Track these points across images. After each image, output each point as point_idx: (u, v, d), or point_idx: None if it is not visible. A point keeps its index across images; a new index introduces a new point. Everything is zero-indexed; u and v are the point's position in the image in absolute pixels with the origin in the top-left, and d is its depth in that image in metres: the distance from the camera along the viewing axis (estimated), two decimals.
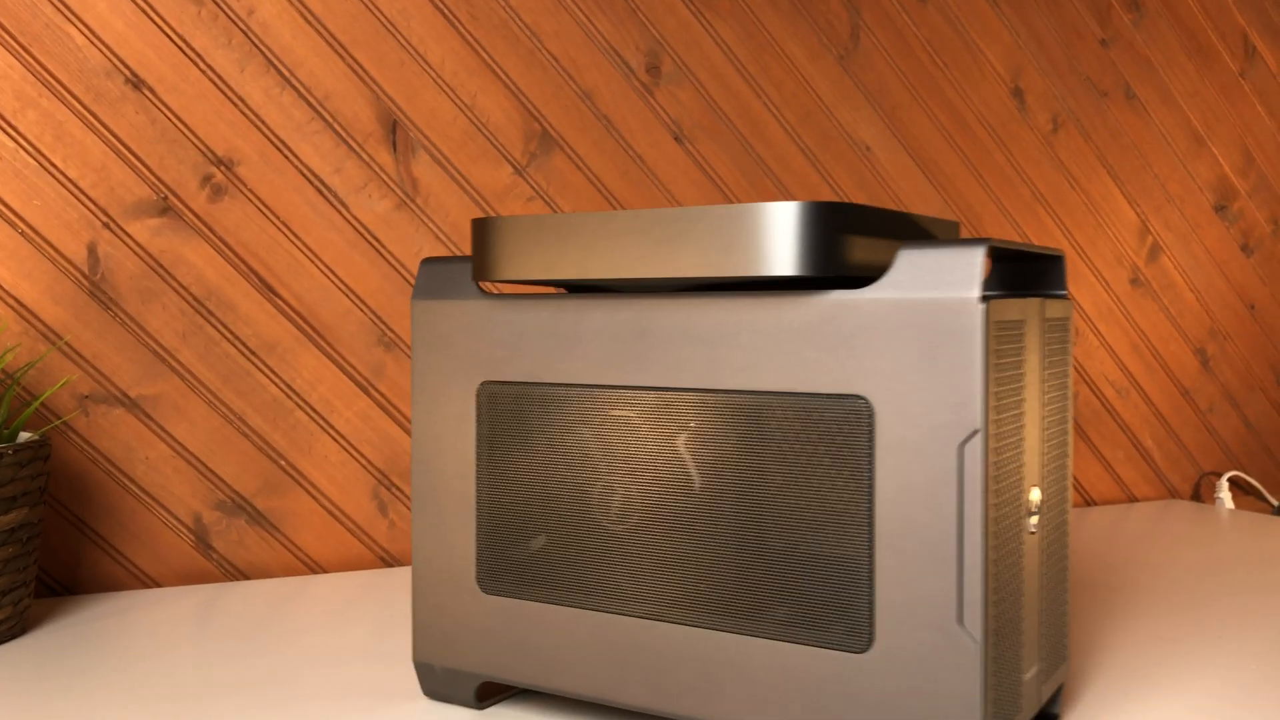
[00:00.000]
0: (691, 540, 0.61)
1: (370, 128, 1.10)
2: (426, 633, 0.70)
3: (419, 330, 0.70)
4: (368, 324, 1.11)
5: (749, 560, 0.60)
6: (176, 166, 1.03)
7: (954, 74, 1.37)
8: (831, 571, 0.57)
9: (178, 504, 1.04)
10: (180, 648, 0.83)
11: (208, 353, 1.05)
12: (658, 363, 0.61)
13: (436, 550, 0.70)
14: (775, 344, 0.58)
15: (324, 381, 1.10)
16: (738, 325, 0.59)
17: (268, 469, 1.08)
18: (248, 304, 1.06)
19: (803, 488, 0.58)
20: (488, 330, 0.67)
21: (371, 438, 1.11)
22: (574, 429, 0.65)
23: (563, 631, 0.65)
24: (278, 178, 1.07)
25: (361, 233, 1.10)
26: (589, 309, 0.63)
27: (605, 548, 0.64)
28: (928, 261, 0.54)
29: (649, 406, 0.62)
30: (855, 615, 0.56)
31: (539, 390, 0.66)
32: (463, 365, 0.68)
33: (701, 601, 0.61)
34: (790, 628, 0.58)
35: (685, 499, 0.61)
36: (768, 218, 0.56)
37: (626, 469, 0.63)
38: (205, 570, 1.06)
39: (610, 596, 0.64)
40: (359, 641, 0.85)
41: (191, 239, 1.04)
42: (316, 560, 1.10)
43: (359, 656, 0.81)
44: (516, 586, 0.67)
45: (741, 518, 0.60)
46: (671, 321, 0.61)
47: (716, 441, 0.60)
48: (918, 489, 0.54)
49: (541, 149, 1.17)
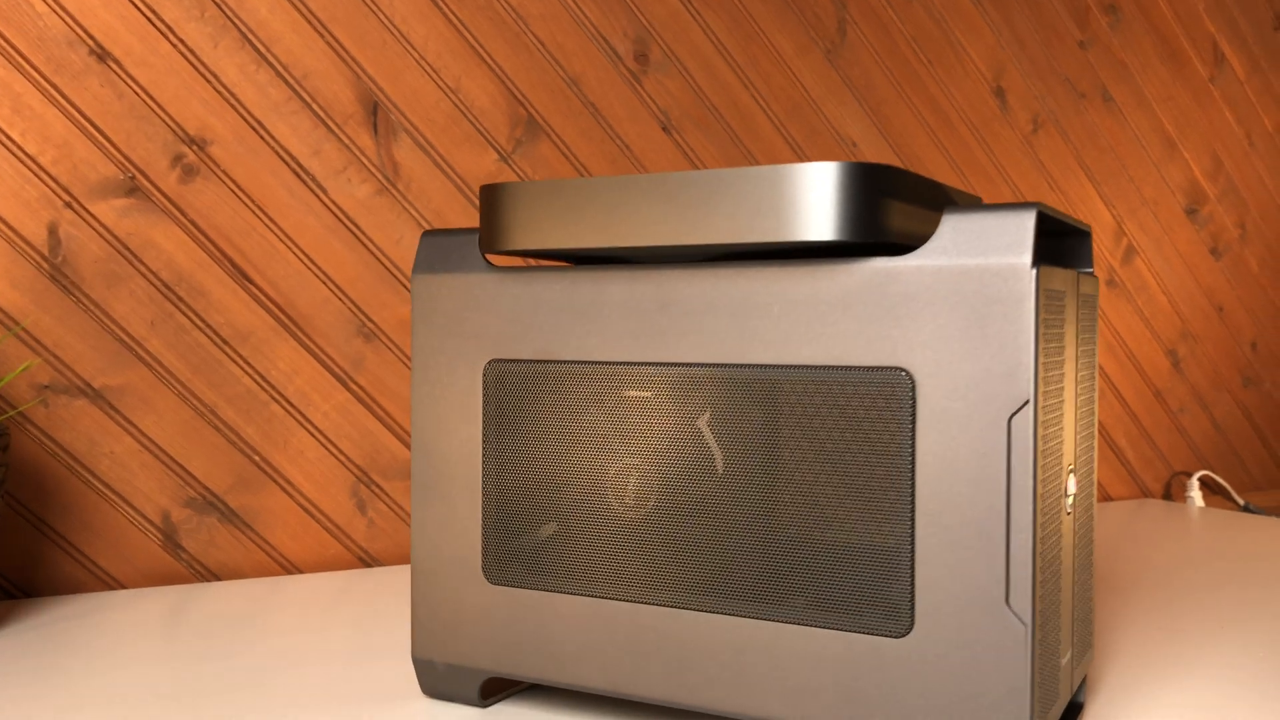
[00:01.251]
0: (716, 524, 0.58)
1: (350, 109, 1.06)
2: (427, 627, 0.66)
3: (420, 307, 0.66)
4: (346, 314, 1.07)
5: (778, 543, 0.57)
6: (145, 144, 0.99)
7: (938, 71, 1.37)
8: (869, 552, 0.54)
9: (145, 501, 0.99)
10: (149, 653, 0.78)
11: (177, 341, 1.00)
12: (682, 337, 0.58)
13: (439, 539, 0.66)
14: (810, 315, 0.55)
15: (300, 373, 1.05)
16: (769, 296, 0.56)
17: (241, 465, 1.03)
18: (220, 291, 1.02)
19: (838, 465, 0.55)
20: (496, 305, 0.64)
21: (350, 433, 1.07)
22: (589, 409, 0.61)
23: (576, 622, 0.62)
24: (253, 159, 1.03)
25: (340, 218, 1.06)
26: (608, 281, 0.60)
27: (622, 534, 0.61)
28: (975, 226, 0.52)
29: (670, 384, 0.59)
30: (894, 598, 0.54)
31: (551, 368, 0.62)
32: (468, 343, 0.65)
33: (727, 588, 0.58)
34: (824, 612, 0.55)
35: (708, 481, 0.58)
36: (805, 179, 0.53)
37: (645, 451, 0.60)
38: (174, 571, 1.01)
39: (628, 584, 0.61)
40: (343, 642, 0.80)
41: (161, 221, 0.99)
42: (292, 561, 1.05)
43: (345, 657, 0.76)
44: (525, 575, 0.63)
45: (770, 499, 0.57)
46: (697, 293, 0.58)
47: (743, 420, 0.57)
48: (963, 464, 0.52)
49: (527, 135, 1.14)
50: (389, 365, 1.08)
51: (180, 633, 0.82)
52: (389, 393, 1.08)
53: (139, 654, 0.77)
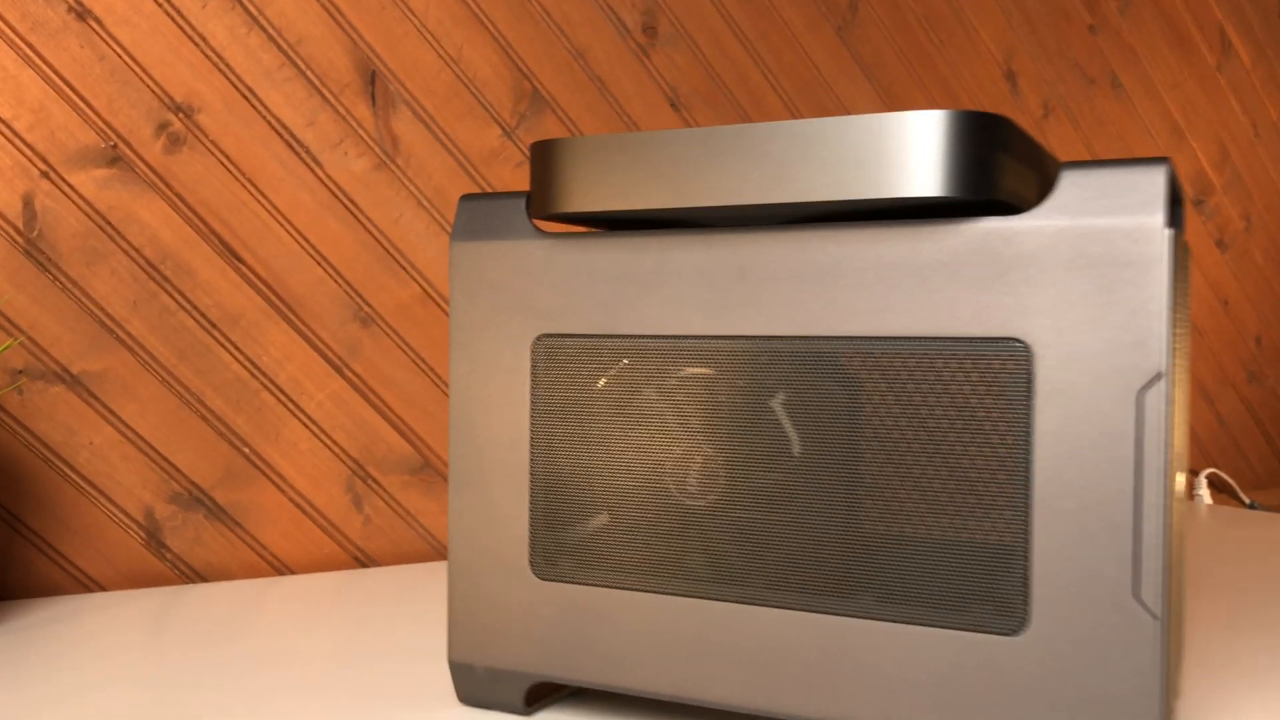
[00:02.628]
0: (793, 513, 0.53)
1: (347, 77, 1.00)
2: (466, 628, 0.60)
3: (460, 277, 0.60)
4: (342, 296, 1.00)
5: (867, 533, 0.52)
6: (128, 111, 0.91)
7: (949, 52, 1.33)
8: (977, 542, 0.49)
9: (126, 496, 0.92)
10: (131, 661, 0.71)
11: (161, 324, 0.93)
12: (761, 308, 0.53)
13: (480, 531, 0.60)
14: (911, 281, 0.50)
15: (293, 360, 0.98)
16: (863, 260, 0.51)
17: (229, 457, 0.96)
18: (208, 270, 0.95)
19: (941, 447, 0.50)
20: (547, 275, 0.58)
21: (345, 423, 1.00)
22: (650, 388, 0.56)
23: (636, 621, 0.56)
24: (243, 129, 0.95)
25: (336, 194, 1.00)
26: (677, 246, 0.55)
27: (689, 524, 0.55)
28: (1100, 183, 0.47)
29: (745, 360, 0.54)
30: (1007, 591, 0.49)
31: (609, 344, 0.57)
32: (515, 316, 0.59)
33: (809, 582, 0.53)
34: (924, 608, 0.50)
35: (783, 467, 0.53)
36: (910, 129, 0.48)
37: (712, 434, 0.54)
38: (157, 572, 0.93)
39: (697, 579, 0.55)
40: (346, 648, 0.74)
41: (144, 194, 0.92)
42: (283, 560, 0.98)
43: (350, 663, 0.70)
44: (578, 570, 0.58)
45: (856, 485, 0.52)
46: (780, 258, 0.53)
47: (825, 398, 0.52)
48: (1086, 443, 0.47)
49: (532, 110, 1.08)
50: (387, 352, 1.02)
51: (164, 639, 0.75)
52: (387, 381, 1.02)
53: (119, 662, 0.70)
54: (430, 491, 1.04)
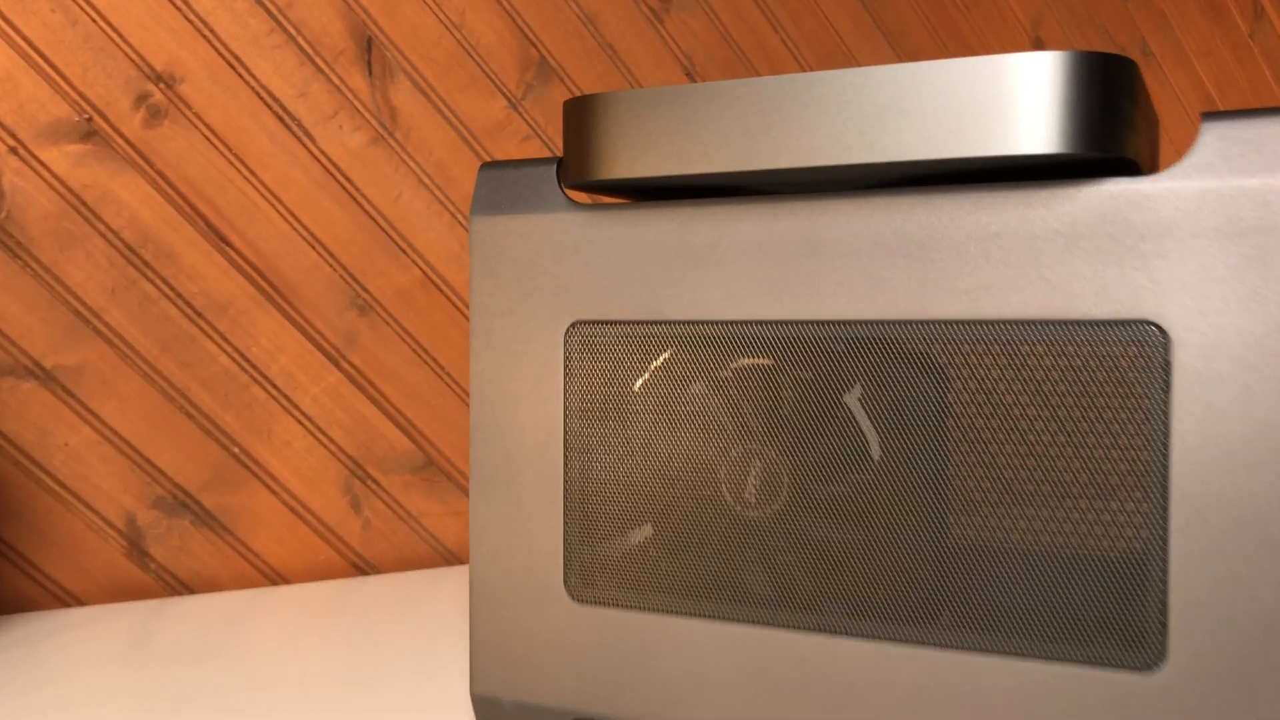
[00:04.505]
0: (873, 526, 0.46)
1: (341, 44, 0.91)
2: (491, 657, 0.53)
3: (481, 256, 0.52)
4: (338, 282, 0.92)
5: (969, 550, 0.44)
6: (104, 81, 0.83)
7: (975, 18, 1.25)
8: (1101, 561, 0.42)
9: (105, 502, 0.84)
10: (113, 681, 0.64)
11: (142, 313, 0.85)
12: (837, 288, 0.46)
13: (507, 547, 0.52)
14: (1020, 255, 0.43)
15: (285, 351, 0.90)
16: (963, 231, 0.44)
17: (217, 457, 0.88)
18: (192, 254, 0.87)
19: (1056, 450, 0.43)
20: (583, 252, 0.50)
21: (343, 420, 0.93)
22: (704, 381, 0.48)
23: (687, 651, 0.49)
24: (230, 100, 0.87)
25: (330, 171, 0.92)
26: (738, 217, 0.47)
27: (749, 539, 0.48)
28: (1253, 135, 0.40)
29: (815, 349, 0.46)
30: (1139, 619, 0.42)
31: (655, 331, 0.49)
32: (546, 301, 0.51)
33: (898, 608, 0.46)
34: (1037, 639, 0.43)
35: (859, 472, 0.46)
36: (1021, 74, 0.41)
37: (776, 434, 0.47)
38: (140, 583, 0.85)
39: (759, 604, 0.48)
40: (351, 666, 0.66)
41: (123, 171, 0.84)
42: (277, 569, 0.91)
43: (367, 680, 0.63)
44: (620, 592, 0.50)
45: (955, 494, 0.44)
46: (861, 229, 0.45)
47: (910, 393, 0.45)
48: (1236, 444, 0.40)
49: (539, 80, 1.00)
50: (387, 342, 0.94)
51: (148, 656, 0.68)
52: (387, 374, 0.94)
53: (99, 683, 0.62)
54: (434, 492, 0.97)
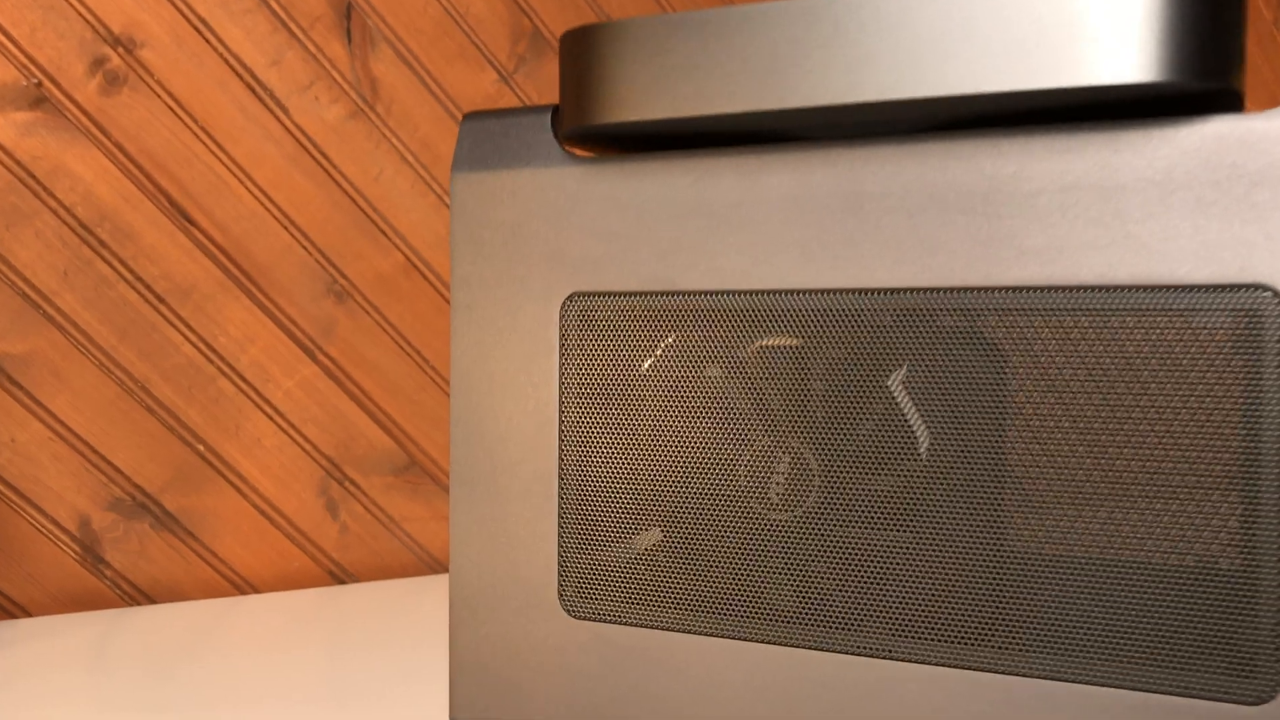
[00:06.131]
0: (927, 530, 0.39)
1: (318, 10, 0.85)
2: (473, 679, 0.46)
3: (463, 219, 0.46)
4: (313, 266, 0.85)
5: (1035, 560, 0.38)
6: (56, 42, 0.76)
7: None
8: (1198, 574, 0.35)
9: (56, 504, 0.77)
10: (65, 699, 0.56)
11: (98, 298, 0.78)
12: (882, 251, 0.39)
13: (492, 554, 0.45)
14: (1104, 209, 0.36)
15: (256, 341, 0.83)
16: (1035, 180, 0.37)
17: (180, 456, 0.81)
18: (154, 233, 0.80)
19: (1138, 439, 0.36)
20: (583, 213, 0.43)
21: (318, 415, 0.86)
22: (723, 363, 0.42)
23: (701, 674, 0.42)
24: (195, 67, 0.80)
25: (305, 146, 0.85)
26: (764, 168, 0.40)
27: (774, 546, 0.41)
28: None
29: (856, 323, 0.40)
30: (1247, 643, 0.35)
31: (667, 304, 0.42)
32: (539, 269, 0.44)
33: (952, 627, 0.39)
34: (1120, 664, 0.36)
35: (904, 469, 0.39)
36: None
37: (807, 424, 0.40)
38: (95, 592, 0.78)
39: (785, 620, 0.41)
40: (333, 678, 0.59)
41: (76, 141, 0.77)
42: (245, 577, 0.83)
43: (342, 699, 0.55)
44: (623, 606, 0.44)
45: (1019, 494, 0.38)
46: (909, 182, 0.38)
47: (968, 375, 0.38)
48: None
49: (531, 52, 0.93)
50: (366, 332, 0.87)
51: (105, 672, 0.61)
52: (366, 366, 0.87)
53: (49, 703, 0.55)
54: (417, 494, 0.90)
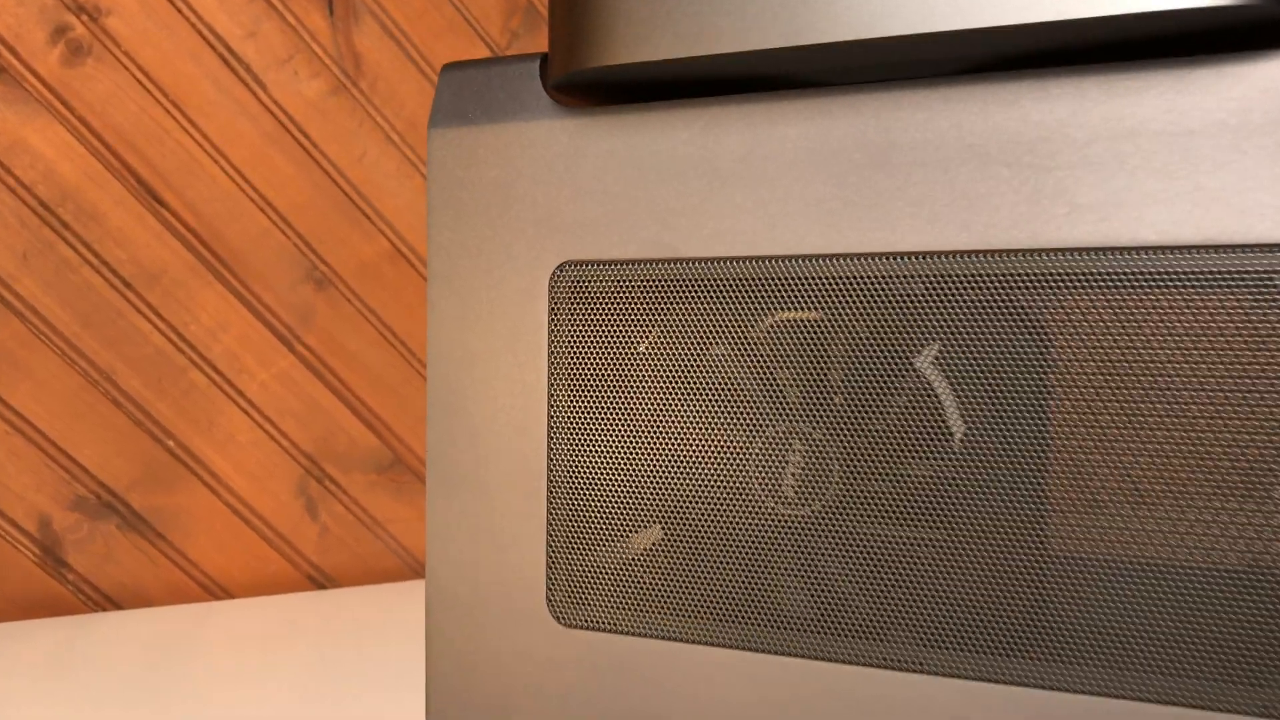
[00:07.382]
0: (962, 528, 0.34)
1: None
2: (452, 692, 0.41)
3: (442, 179, 0.41)
4: (291, 251, 0.81)
5: (1086, 563, 0.33)
6: (14, 10, 0.71)
7: None
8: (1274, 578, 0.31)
9: (14, 503, 0.72)
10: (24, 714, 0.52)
11: (60, 282, 0.73)
12: (913, 210, 0.34)
13: (474, 556, 0.41)
14: (1170, 157, 0.31)
15: (229, 330, 0.79)
16: (1090, 128, 0.32)
17: (149, 452, 0.76)
18: (120, 214, 0.75)
19: (1212, 426, 0.31)
20: (576, 171, 0.39)
21: (296, 409, 0.81)
22: (730, 340, 0.37)
23: (708, 688, 0.38)
24: (165, 37, 0.76)
25: (284, 123, 0.80)
26: (779, 117, 0.36)
27: (786, 545, 0.37)
28: None
29: (880, 293, 0.35)
30: None
31: (668, 273, 0.38)
32: (526, 235, 0.40)
33: (990, 636, 0.34)
34: (1182, 679, 0.32)
35: (935, 461, 0.35)
36: None
37: (824, 410, 0.36)
38: (56, 597, 0.74)
39: (798, 629, 0.36)
40: (310, 688, 0.55)
41: (37, 115, 0.72)
42: (218, 581, 0.79)
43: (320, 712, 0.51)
44: (618, 613, 0.39)
45: (1067, 488, 0.33)
46: (944, 130, 0.34)
47: (1008, 353, 0.34)
48: None
49: (526, 27, 0.89)
50: (347, 320, 0.83)
51: (64, 683, 0.56)
52: (347, 357, 0.83)
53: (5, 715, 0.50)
54: (401, 493, 0.85)
